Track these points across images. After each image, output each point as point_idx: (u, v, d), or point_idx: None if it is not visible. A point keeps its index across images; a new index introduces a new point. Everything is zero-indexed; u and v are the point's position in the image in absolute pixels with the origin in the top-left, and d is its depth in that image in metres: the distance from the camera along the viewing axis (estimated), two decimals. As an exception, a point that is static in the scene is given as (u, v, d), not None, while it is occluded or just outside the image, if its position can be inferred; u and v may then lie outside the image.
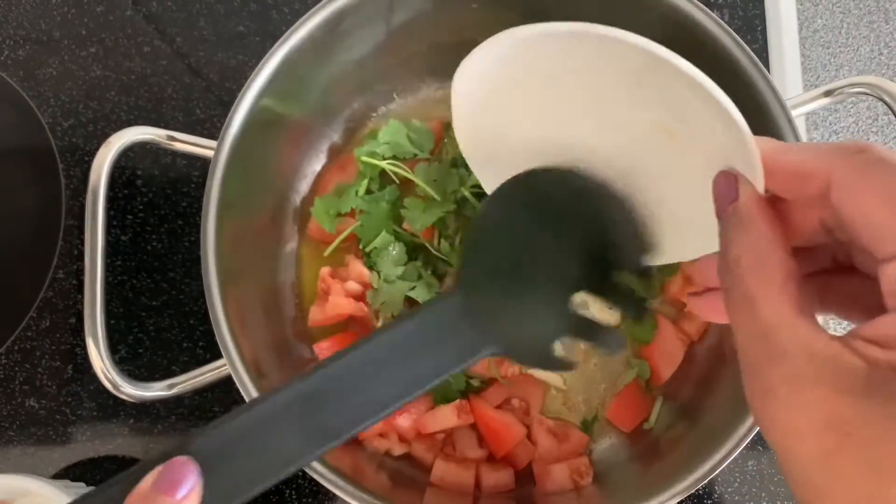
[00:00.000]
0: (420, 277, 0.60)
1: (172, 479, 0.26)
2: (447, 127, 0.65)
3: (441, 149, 0.64)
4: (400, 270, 0.60)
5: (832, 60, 0.75)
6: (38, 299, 0.66)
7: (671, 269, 0.62)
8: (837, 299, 0.31)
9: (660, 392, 0.62)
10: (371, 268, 0.61)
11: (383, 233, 0.60)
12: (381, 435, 0.60)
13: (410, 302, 0.61)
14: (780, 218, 0.29)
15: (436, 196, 0.60)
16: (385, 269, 0.60)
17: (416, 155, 0.62)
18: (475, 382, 0.61)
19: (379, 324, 0.62)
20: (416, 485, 0.59)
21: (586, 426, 0.62)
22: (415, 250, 0.62)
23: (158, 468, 0.27)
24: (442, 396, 0.60)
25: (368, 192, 0.62)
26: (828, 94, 0.53)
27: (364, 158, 0.62)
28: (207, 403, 0.65)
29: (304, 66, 0.55)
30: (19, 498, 0.53)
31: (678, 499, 0.49)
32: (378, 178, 0.63)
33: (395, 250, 0.60)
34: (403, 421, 0.59)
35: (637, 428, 0.61)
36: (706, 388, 0.58)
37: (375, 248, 0.61)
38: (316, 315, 0.61)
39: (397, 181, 0.63)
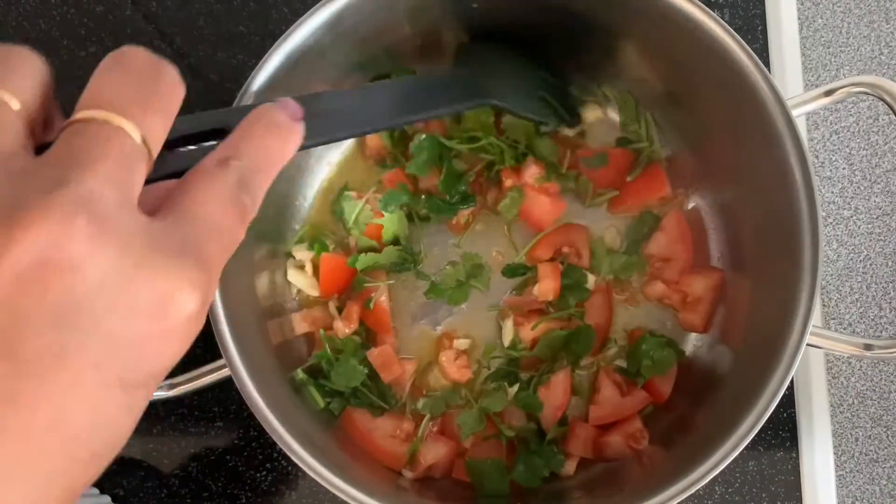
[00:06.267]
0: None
1: (291, 107, 0.35)
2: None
3: None
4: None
5: (833, 60, 0.75)
6: (38, 299, 0.66)
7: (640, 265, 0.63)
8: None
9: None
10: None
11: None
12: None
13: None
14: None
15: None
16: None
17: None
18: None
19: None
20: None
21: None
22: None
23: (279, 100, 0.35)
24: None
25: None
26: (828, 93, 0.53)
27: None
28: (207, 403, 0.65)
29: (304, 67, 0.55)
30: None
31: (679, 499, 0.49)
32: None
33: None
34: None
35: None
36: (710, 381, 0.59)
37: None
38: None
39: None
